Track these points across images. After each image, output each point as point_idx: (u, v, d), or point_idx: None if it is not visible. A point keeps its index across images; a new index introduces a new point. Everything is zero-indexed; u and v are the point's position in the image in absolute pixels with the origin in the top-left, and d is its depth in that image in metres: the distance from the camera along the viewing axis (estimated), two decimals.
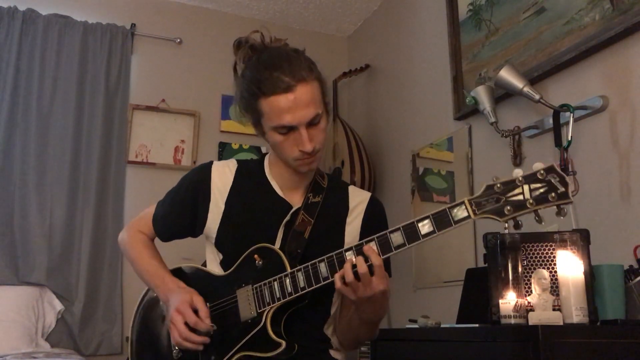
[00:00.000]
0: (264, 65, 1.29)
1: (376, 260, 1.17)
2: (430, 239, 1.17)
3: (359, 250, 1.20)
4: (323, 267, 1.23)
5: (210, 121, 3.58)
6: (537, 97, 2.02)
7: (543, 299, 1.47)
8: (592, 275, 1.52)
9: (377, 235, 1.19)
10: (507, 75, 2.08)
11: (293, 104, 1.26)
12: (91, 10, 3.43)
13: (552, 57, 2.13)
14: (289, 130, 1.28)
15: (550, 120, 2.01)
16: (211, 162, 1.47)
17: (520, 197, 1.10)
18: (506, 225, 1.62)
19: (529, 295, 1.53)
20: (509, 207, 1.11)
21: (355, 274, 1.17)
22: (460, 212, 1.14)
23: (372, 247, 1.18)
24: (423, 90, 3.04)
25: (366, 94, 3.71)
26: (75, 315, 3.02)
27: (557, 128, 1.97)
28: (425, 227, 1.17)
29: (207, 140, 3.55)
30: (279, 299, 1.26)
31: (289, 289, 1.25)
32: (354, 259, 1.18)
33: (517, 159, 2.29)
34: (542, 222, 1.13)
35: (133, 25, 3.49)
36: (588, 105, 1.96)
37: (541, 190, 1.09)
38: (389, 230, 1.19)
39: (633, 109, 1.85)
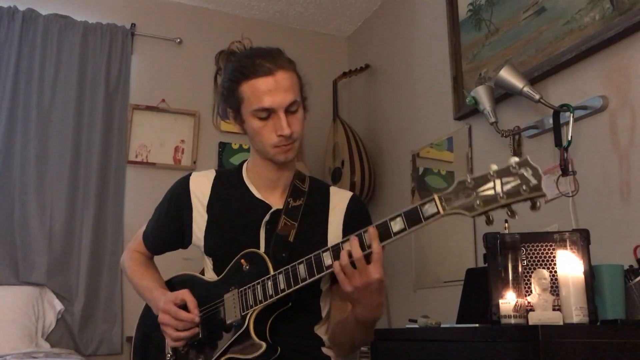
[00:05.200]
0: (246, 55, 1.38)
1: (376, 246, 1.16)
2: (403, 236, 1.16)
3: (335, 250, 1.21)
4: (302, 269, 1.24)
5: (210, 121, 3.56)
6: (537, 97, 2.02)
7: (543, 299, 1.47)
8: (592, 275, 1.52)
9: (354, 234, 1.19)
10: (507, 75, 2.08)
11: (273, 86, 1.32)
12: (91, 10, 3.43)
13: (552, 57, 2.13)
14: (268, 115, 1.33)
15: (550, 120, 2.01)
16: (189, 174, 1.51)
17: (492, 191, 1.07)
18: (506, 225, 1.63)
19: (529, 295, 1.53)
20: (478, 202, 1.08)
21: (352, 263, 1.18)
22: (430, 209, 1.12)
23: (375, 233, 1.16)
24: (423, 90, 3.04)
25: (366, 94, 3.71)
26: (75, 315, 3.02)
27: (557, 128, 1.97)
28: (397, 224, 1.15)
29: (207, 140, 3.55)
30: (261, 302, 1.28)
31: (270, 291, 1.27)
32: (349, 247, 1.18)
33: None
34: (515, 216, 1.10)
35: (133, 25, 3.49)
36: (588, 105, 1.96)
37: (513, 184, 1.05)
38: (363, 230, 1.19)
39: (633, 109, 1.85)
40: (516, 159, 1.06)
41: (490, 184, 1.07)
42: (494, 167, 1.08)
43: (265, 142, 1.36)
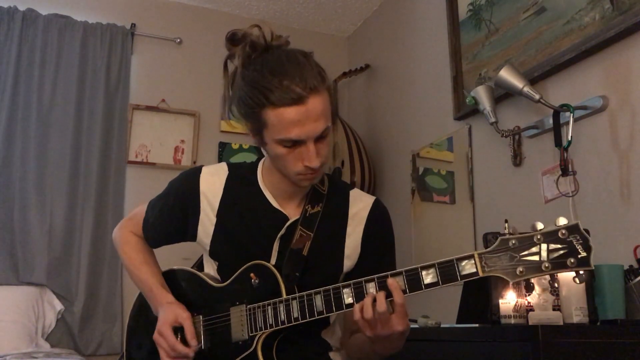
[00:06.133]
0: (271, 71, 1.17)
1: (398, 298, 1.09)
2: (433, 290, 1.09)
3: (357, 288, 1.13)
4: (318, 301, 1.17)
5: (210, 121, 3.58)
6: (537, 97, 2.02)
7: (543, 299, 1.47)
8: (592, 275, 1.52)
9: (378, 276, 1.12)
10: (507, 75, 2.08)
11: (304, 116, 1.15)
12: (91, 10, 3.43)
13: (552, 57, 2.13)
14: (294, 143, 1.18)
15: (550, 120, 2.01)
16: (199, 170, 1.40)
17: (536, 257, 1.00)
18: (506, 225, 1.62)
19: (529, 295, 1.53)
20: (521, 269, 1.01)
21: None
22: (468, 267, 1.06)
23: (396, 283, 1.09)
24: (423, 90, 3.04)
25: (366, 94, 3.71)
26: (75, 315, 3.02)
27: (557, 128, 1.97)
28: (429, 276, 1.09)
29: (207, 140, 3.55)
30: (271, 326, 1.22)
31: (282, 316, 1.20)
32: (375, 293, 1.10)
33: (517, 159, 2.29)
34: (555, 284, 1.06)
35: (133, 25, 3.49)
36: (588, 105, 1.96)
37: (560, 252, 0.99)
38: (390, 272, 1.12)
39: (633, 109, 1.85)
40: (565, 222, 0.99)
41: (535, 249, 1.00)
42: (540, 226, 1.01)
43: (288, 169, 1.23)
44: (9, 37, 3.17)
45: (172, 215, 1.40)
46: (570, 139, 1.89)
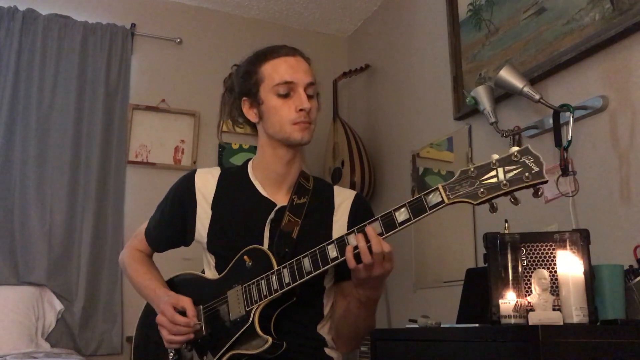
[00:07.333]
0: (265, 47, 1.44)
1: (375, 239, 1.19)
2: (407, 226, 1.17)
3: (340, 242, 1.22)
4: (307, 262, 1.25)
5: (210, 121, 3.58)
6: (537, 97, 2.02)
7: (543, 299, 1.47)
8: (592, 275, 1.52)
9: (357, 227, 1.21)
10: (507, 75, 2.08)
11: (295, 64, 1.39)
12: (91, 10, 3.43)
13: (552, 57, 2.13)
14: (288, 93, 1.37)
15: (550, 120, 2.01)
16: (194, 171, 1.52)
17: (495, 179, 1.10)
18: (506, 225, 1.63)
19: (529, 295, 1.53)
20: (482, 190, 1.10)
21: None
22: (434, 198, 1.14)
23: (373, 229, 1.18)
24: (423, 90, 3.04)
25: (366, 94, 3.71)
26: (75, 315, 3.02)
27: (557, 128, 1.97)
28: (401, 215, 1.17)
29: (207, 140, 3.55)
30: (265, 296, 1.29)
31: (275, 285, 1.28)
32: (354, 240, 1.21)
33: None
34: (519, 203, 1.12)
35: (133, 25, 3.49)
36: (588, 105, 1.97)
37: (515, 171, 1.09)
38: (368, 221, 1.21)
39: (633, 109, 1.85)
40: (517, 148, 1.09)
41: (493, 173, 1.11)
42: (496, 156, 1.11)
43: (283, 120, 1.37)
44: (9, 37, 3.17)
45: (172, 214, 1.49)
46: (570, 139, 1.89)
